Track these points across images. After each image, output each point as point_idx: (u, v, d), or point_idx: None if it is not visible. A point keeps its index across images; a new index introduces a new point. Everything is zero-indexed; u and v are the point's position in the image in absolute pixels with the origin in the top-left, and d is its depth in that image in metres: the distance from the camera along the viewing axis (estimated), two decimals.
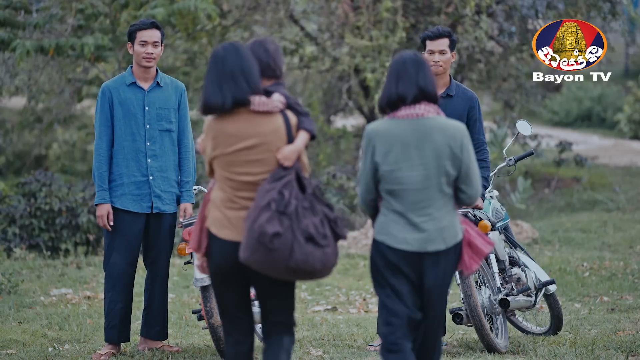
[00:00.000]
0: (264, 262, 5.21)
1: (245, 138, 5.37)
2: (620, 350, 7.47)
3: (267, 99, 5.40)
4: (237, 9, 18.97)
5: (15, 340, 8.53)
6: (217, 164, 5.43)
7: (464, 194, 5.52)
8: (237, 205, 5.38)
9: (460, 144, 5.43)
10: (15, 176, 21.12)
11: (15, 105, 23.04)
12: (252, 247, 5.19)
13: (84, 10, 15.35)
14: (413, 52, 5.56)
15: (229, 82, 5.35)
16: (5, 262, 13.28)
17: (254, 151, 5.37)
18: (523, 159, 8.56)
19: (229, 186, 5.40)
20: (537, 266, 8.30)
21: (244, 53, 5.40)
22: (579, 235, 15.59)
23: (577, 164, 20.85)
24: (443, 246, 5.44)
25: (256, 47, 5.56)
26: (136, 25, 7.64)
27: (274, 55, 5.57)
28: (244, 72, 5.36)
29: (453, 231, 5.47)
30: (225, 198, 5.40)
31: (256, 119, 5.39)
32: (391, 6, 16.97)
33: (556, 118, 29.94)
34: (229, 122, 5.39)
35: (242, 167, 5.37)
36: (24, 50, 14.20)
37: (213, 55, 5.41)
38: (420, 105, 5.49)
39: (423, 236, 5.43)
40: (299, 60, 19.36)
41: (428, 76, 5.51)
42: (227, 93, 5.35)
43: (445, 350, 7.82)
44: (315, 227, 5.27)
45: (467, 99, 7.71)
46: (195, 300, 11.19)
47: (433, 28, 7.72)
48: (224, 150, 5.39)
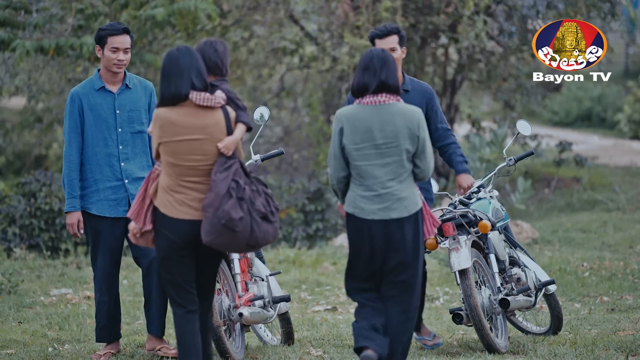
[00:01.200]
0: (227, 243, 6.05)
1: (189, 129, 6.10)
2: (620, 350, 7.47)
3: (210, 95, 6.13)
4: (237, 9, 18.97)
5: (15, 340, 8.53)
6: (163, 150, 6.13)
7: (418, 169, 6.36)
8: (183, 188, 6.11)
9: (417, 124, 6.31)
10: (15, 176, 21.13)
11: (15, 105, 23.04)
12: (218, 231, 5.99)
13: (84, 10, 15.35)
14: (380, 49, 6.40)
15: (177, 79, 6.09)
16: (5, 262, 13.28)
17: (197, 141, 6.10)
18: (523, 159, 8.55)
19: (174, 171, 6.11)
20: (537, 266, 8.29)
21: (194, 55, 6.15)
22: (579, 235, 15.59)
23: (577, 164, 20.85)
24: (406, 213, 6.30)
25: (207, 47, 6.35)
26: (107, 30, 7.51)
27: (222, 55, 6.37)
28: (192, 71, 6.11)
29: (414, 201, 6.34)
30: (172, 182, 6.12)
31: (200, 112, 6.13)
32: (391, 6, 16.97)
33: (556, 118, 29.94)
34: (176, 114, 6.11)
35: (186, 155, 6.09)
36: (23, 50, 14.19)
37: (167, 55, 6.14)
38: (382, 95, 6.35)
39: (387, 205, 6.29)
40: (299, 60, 19.36)
41: (391, 70, 6.36)
42: (175, 88, 6.08)
43: (445, 350, 7.82)
44: (264, 206, 6.15)
45: (422, 91, 7.73)
46: None
47: (381, 26, 7.62)
48: (170, 138, 6.10)
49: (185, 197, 6.11)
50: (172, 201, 6.11)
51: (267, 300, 7.75)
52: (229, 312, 7.42)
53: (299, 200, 16.88)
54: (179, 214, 6.10)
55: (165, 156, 6.12)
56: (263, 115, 8.08)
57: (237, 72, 19.56)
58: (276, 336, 8.37)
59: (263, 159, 8.16)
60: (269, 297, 7.77)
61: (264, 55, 19.43)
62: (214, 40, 6.39)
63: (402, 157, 6.30)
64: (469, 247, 7.57)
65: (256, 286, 7.76)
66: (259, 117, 8.08)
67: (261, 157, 8.14)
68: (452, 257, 7.53)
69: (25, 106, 20.19)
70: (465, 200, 8.11)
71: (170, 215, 6.11)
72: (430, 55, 19.73)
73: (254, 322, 7.56)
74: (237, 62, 19.42)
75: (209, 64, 6.31)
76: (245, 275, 7.72)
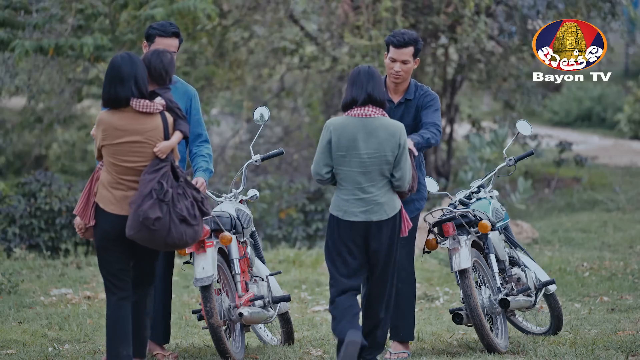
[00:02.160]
0: (147, 239, 6.53)
1: (129, 133, 6.58)
2: (620, 350, 7.47)
3: (149, 102, 6.58)
4: (237, 9, 18.97)
5: (15, 340, 8.53)
6: (105, 152, 6.60)
7: (394, 179, 6.92)
8: (122, 186, 6.61)
9: (398, 138, 6.86)
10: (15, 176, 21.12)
11: (15, 105, 23.03)
12: (137, 227, 6.49)
13: (83, 10, 15.34)
14: (368, 66, 6.97)
15: (119, 85, 6.56)
16: (5, 262, 13.28)
17: (136, 144, 6.57)
18: (523, 159, 8.55)
19: (114, 170, 6.59)
20: (537, 266, 8.29)
21: (135, 63, 6.59)
22: (579, 235, 15.59)
23: (577, 164, 20.84)
24: (385, 216, 6.88)
25: (154, 57, 6.79)
26: (157, 30, 7.47)
27: (168, 66, 6.81)
28: (131, 79, 6.56)
29: (392, 205, 6.93)
30: (112, 180, 6.61)
31: (140, 117, 6.60)
32: (391, 6, 16.96)
33: (556, 118, 29.94)
34: (117, 118, 6.59)
35: (126, 156, 6.58)
36: (22, 50, 14.18)
37: (111, 61, 6.59)
38: (368, 107, 6.90)
39: (368, 209, 6.87)
40: (299, 60, 19.36)
41: (377, 86, 6.95)
42: (115, 93, 6.55)
43: (445, 350, 7.82)
44: (187, 209, 6.60)
45: (421, 96, 7.67)
46: (195, 300, 11.20)
47: (399, 34, 7.58)
48: (111, 141, 6.57)
49: (123, 194, 6.61)
50: (110, 197, 6.61)
51: (267, 300, 7.75)
52: (229, 312, 7.42)
53: (299, 200, 16.87)
54: (116, 209, 6.60)
55: (107, 157, 6.60)
56: (263, 115, 8.08)
57: (237, 72, 19.57)
58: (276, 336, 8.37)
59: (263, 159, 8.16)
60: (269, 297, 7.77)
61: (264, 55, 19.44)
62: (162, 50, 6.84)
63: (383, 167, 6.88)
64: (469, 247, 7.57)
65: (256, 286, 7.77)
66: (259, 117, 8.08)
67: (261, 157, 8.14)
68: (452, 257, 7.53)
69: (25, 106, 20.18)
70: (466, 200, 8.11)
71: (108, 210, 6.61)
72: (430, 55, 19.73)
73: (254, 322, 7.56)
74: (237, 62, 19.43)
75: (153, 73, 6.76)
76: (245, 275, 7.73)
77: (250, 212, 7.89)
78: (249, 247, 7.85)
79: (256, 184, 17.49)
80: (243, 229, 7.68)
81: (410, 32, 7.62)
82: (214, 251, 7.27)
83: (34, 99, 19.17)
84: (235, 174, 8.09)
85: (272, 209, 17.51)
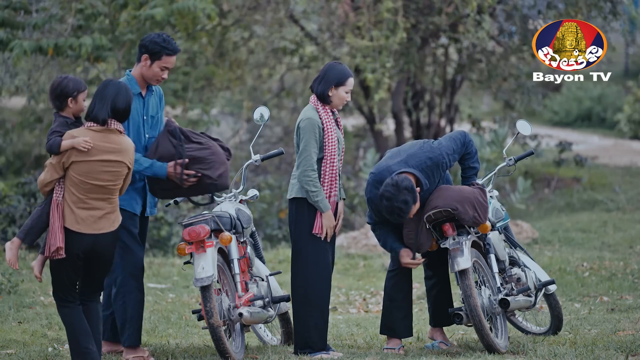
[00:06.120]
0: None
1: (106, 152, 6.80)
2: (620, 350, 7.46)
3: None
4: (237, 9, 18.96)
5: (15, 340, 8.53)
6: (74, 169, 6.75)
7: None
8: (87, 206, 6.82)
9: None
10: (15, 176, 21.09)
11: (15, 105, 23.02)
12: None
13: (83, 10, 15.33)
14: None
15: (106, 106, 6.89)
16: (5, 262, 13.26)
17: (110, 163, 6.81)
18: (523, 159, 8.55)
19: (83, 189, 6.79)
20: (537, 266, 8.29)
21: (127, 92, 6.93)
22: (579, 235, 15.59)
23: (577, 164, 20.84)
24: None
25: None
26: (166, 49, 7.49)
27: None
28: (110, 102, 6.90)
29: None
30: (77, 200, 6.81)
31: (113, 137, 6.86)
32: (392, 6, 16.96)
33: (556, 118, 29.94)
34: (98, 137, 6.81)
35: (98, 175, 6.78)
36: (21, 50, 14.17)
37: (106, 83, 6.94)
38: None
39: None
40: (299, 60, 19.35)
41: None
42: (104, 112, 6.85)
43: (445, 351, 7.82)
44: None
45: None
46: (195, 300, 11.20)
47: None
48: (86, 157, 6.76)
49: (88, 213, 6.82)
50: (75, 217, 6.81)
51: (267, 300, 7.75)
52: (229, 312, 7.42)
53: None
54: (82, 228, 6.82)
55: (75, 174, 6.77)
56: (263, 115, 8.09)
57: (237, 72, 19.57)
58: (276, 336, 8.37)
59: (263, 159, 8.17)
60: (269, 297, 7.78)
61: (264, 55, 19.44)
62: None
63: None
64: (469, 247, 7.57)
65: (256, 286, 7.77)
66: (259, 117, 8.09)
67: (261, 157, 8.15)
68: (452, 257, 7.53)
69: (25, 106, 20.17)
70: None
71: (74, 230, 6.81)
72: (431, 55, 19.73)
73: (254, 322, 7.56)
74: (237, 62, 19.43)
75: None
76: (245, 275, 7.73)
77: (250, 212, 7.89)
78: (249, 247, 7.85)
79: (256, 184, 17.49)
80: (243, 229, 7.68)
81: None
82: (214, 251, 7.27)
83: (34, 99, 19.16)
84: (235, 174, 8.07)
85: (272, 209, 17.50)
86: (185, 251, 7.33)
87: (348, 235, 15.44)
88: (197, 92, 19.45)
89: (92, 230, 6.82)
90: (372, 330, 9.02)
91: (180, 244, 7.40)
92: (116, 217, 6.93)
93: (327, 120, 7.65)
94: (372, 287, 12.25)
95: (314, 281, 7.61)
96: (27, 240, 6.98)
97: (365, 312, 10.84)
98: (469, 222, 7.52)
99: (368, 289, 12.11)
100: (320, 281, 7.63)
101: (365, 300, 11.54)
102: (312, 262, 7.63)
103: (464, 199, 7.51)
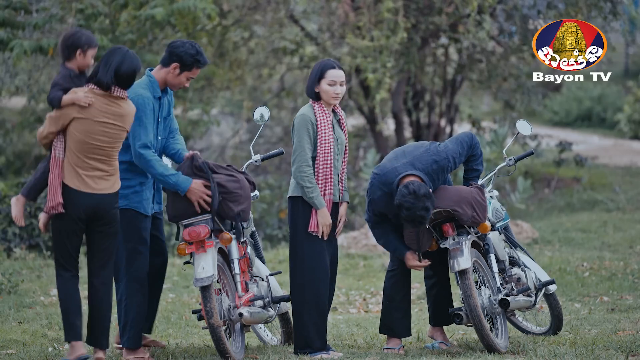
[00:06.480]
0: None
1: (107, 114, 6.92)
2: (620, 350, 7.46)
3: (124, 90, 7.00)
4: (237, 9, 18.96)
5: (15, 340, 8.53)
6: (75, 126, 6.87)
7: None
8: (87, 166, 6.94)
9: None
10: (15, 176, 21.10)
11: (15, 105, 23.03)
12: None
13: (83, 10, 15.33)
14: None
15: (110, 71, 6.95)
16: (5, 262, 13.28)
17: (110, 126, 6.94)
18: (523, 159, 8.55)
19: (82, 148, 6.89)
20: (537, 266, 8.29)
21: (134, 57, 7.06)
22: (579, 235, 15.59)
23: (577, 164, 20.84)
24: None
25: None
26: (199, 61, 7.52)
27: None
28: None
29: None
30: (77, 159, 6.91)
31: (120, 102, 6.98)
32: (392, 6, 16.96)
33: (556, 118, 29.94)
34: (100, 99, 6.91)
35: (98, 135, 6.90)
36: (21, 50, 14.17)
37: (113, 49, 7.01)
38: None
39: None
40: (299, 60, 19.35)
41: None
42: (108, 77, 6.94)
43: (445, 351, 7.82)
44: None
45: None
46: (195, 300, 11.20)
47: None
48: (87, 116, 6.87)
49: (87, 173, 6.93)
50: (76, 175, 6.93)
51: (267, 300, 7.75)
52: (229, 312, 7.42)
53: None
54: (81, 187, 6.92)
55: (75, 132, 6.88)
56: (263, 115, 8.08)
57: (237, 72, 19.56)
58: (276, 336, 8.37)
59: (263, 159, 8.17)
60: (269, 297, 7.77)
61: (264, 55, 19.43)
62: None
63: None
64: (469, 247, 7.57)
65: (256, 286, 7.77)
66: (259, 117, 8.09)
67: (261, 157, 8.14)
68: (452, 257, 7.53)
69: (25, 106, 20.17)
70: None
71: (73, 187, 6.91)
72: (431, 55, 19.73)
73: (254, 322, 7.56)
74: (237, 62, 19.43)
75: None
76: (245, 275, 7.73)
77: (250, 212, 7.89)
78: (249, 247, 7.85)
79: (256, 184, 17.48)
80: (243, 229, 7.68)
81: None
82: (214, 251, 7.27)
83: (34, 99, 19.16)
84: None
85: (272, 209, 17.51)
86: (185, 251, 7.32)
87: (348, 235, 15.44)
88: (197, 92, 19.45)
89: (91, 190, 6.94)
90: (372, 330, 9.02)
91: (180, 244, 7.40)
92: (115, 180, 7.06)
93: (322, 118, 7.63)
94: (372, 287, 12.26)
95: (310, 280, 7.61)
96: (30, 196, 7.16)
97: (365, 312, 10.84)
98: (468, 221, 7.52)
99: (368, 289, 12.11)
100: (316, 280, 7.61)
101: (365, 300, 11.54)
102: (307, 261, 7.62)
103: (462, 198, 7.52)
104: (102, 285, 7.17)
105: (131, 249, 7.48)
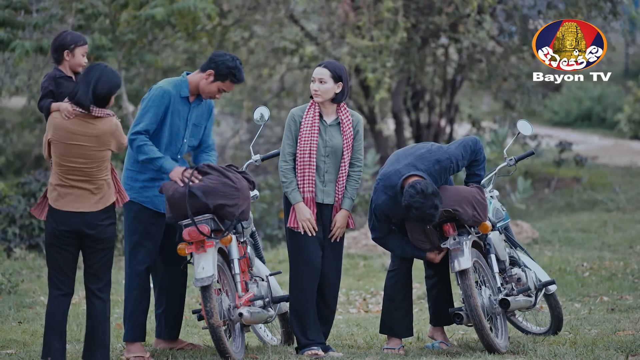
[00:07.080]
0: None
1: (80, 136, 6.84)
2: (620, 350, 7.47)
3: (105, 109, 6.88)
4: (237, 9, 18.96)
5: (15, 340, 8.53)
6: (53, 148, 6.84)
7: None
8: (66, 184, 6.87)
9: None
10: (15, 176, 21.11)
11: (15, 105, 23.03)
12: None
13: (84, 10, 15.34)
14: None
15: (89, 90, 6.81)
16: (5, 262, 13.28)
17: (84, 147, 6.85)
18: (523, 159, 8.55)
19: (62, 169, 6.85)
20: (537, 266, 8.29)
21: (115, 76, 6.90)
22: (579, 235, 15.59)
23: (577, 164, 20.84)
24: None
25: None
26: (235, 76, 7.48)
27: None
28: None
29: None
30: (57, 178, 6.87)
31: (95, 123, 6.85)
32: (392, 6, 16.96)
33: (556, 118, 29.94)
34: (75, 121, 6.82)
35: (72, 157, 6.83)
36: (22, 50, 14.17)
37: (91, 66, 6.86)
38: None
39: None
40: (299, 60, 19.35)
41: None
42: (87, 98, 6.80)
43: (445, 351, 7.82)
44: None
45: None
46: (195, 300, 11.19)
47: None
48: (61, 140, 6.81)
49: (66, 191, 6.87)
50: (55, 195, 6.89)
51: (267, 300, 7.75)
52: (229, 312, 7.42)
53: None
54: (59, 205, 6.87)
55: (54, 154, 6.85)
56: (263, 115, 8.09)
57: None
58: (276, 336, 8.36)
59: (263, 159, 8.17)
60: (269, 297, 7.77)
61: (264, 55, 19.43)
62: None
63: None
64: (470, 247, 7.57)
65: (256, 286, 7.77)
66: (259, 117, 8.09)
67: (261, 157, 8.15)
68: (453, 257, 7.53)
69: (25, 106, 20.17)
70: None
71: (54, 207, 6.88)
72: (431, 55, 19.73)
73: (254, 322, 7.56)
74: None
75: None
76: (245, 275, 7.73)
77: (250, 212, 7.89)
78: (249, 247, 7.85)
79: (256, 184, 17.49)
80: (243, 229, 7.68)
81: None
82: (214, 251, 7.27)
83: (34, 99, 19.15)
84: None
85: (272, 209, 17.50)
86: (185, 251, 7.32)
87: (348, 235, 15.44)
88: None
89: (70, 209, 6.88)
90: (372, 330, 9.02)
91: (180, 244, 7.39)
92: (101, 198, 6.94)
93: (307, 117, 7.64)
94: (372, 287, 12.25)
95: (295, 278, 7.62)
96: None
97: (365, 312, 10.84)
98: (468, 221, 7.52)
99: (368, 289, 12.10)
100: (300, 277, 7.61)
101: (365, 300, 11.54)
102: (292, 257, 7.67)
103: (463, 198, 7.52)
104: (97, 300, 7.09)
105: (134, 242, 7.51)
